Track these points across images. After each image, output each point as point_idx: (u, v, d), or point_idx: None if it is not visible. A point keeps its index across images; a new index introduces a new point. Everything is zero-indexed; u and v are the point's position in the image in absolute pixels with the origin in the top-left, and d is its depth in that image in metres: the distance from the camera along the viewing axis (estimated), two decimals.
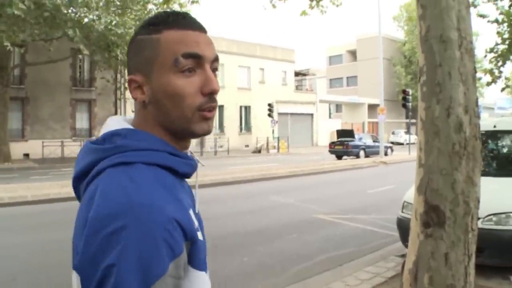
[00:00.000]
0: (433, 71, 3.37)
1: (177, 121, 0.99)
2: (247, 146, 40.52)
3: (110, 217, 0.82)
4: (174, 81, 0.97)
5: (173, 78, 0.97)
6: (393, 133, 51.40)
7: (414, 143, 31.83)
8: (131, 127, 1.01)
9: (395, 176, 17.91)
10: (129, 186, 0.86)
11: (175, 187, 0.95)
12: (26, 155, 27.29)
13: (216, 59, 1.04)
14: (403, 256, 4.12)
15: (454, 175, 3.29)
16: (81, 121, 30.76)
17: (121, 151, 0.93)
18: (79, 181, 1.00)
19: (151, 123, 1.01)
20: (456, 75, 3.30)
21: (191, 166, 1.04)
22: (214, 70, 1.04)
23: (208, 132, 1.03)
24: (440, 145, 3.34)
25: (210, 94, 1.00)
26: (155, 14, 1.04)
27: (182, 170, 1.00)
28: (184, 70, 0.97)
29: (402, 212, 6.14)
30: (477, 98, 3.42)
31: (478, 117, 3.41)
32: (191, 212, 0.95)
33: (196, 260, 0.92)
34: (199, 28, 1.03)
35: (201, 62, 0.99)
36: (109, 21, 22.12)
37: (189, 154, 1.05)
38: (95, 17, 22.40)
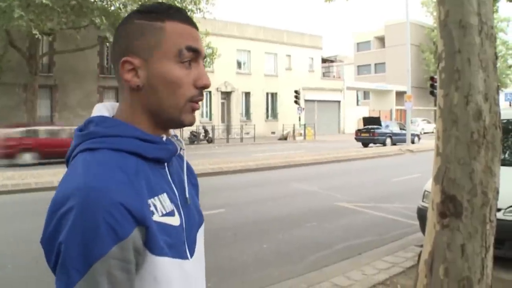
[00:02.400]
0: (452, 57, 3.27)
1: (169, 109, 1.03)
2: (273, 133, 40.44)
3: (63, 199, 0.88)
4: (175, 70, 1.01)
5: (174, 68, 1.01)
6: (411, 121, 50.81)
7: (432, 132, 31.46)
8: (106, 114, 1.05)
9: (421, 164, 17.62)
10: (83, 171, 0.91)
11: (137, 173, 0.96)
12: None
13: (205, 56, 1.13)
14: (423, 246, 4.06)
15: (472, 164, 3.20)
16: None
17: (90, 138, 0.98)
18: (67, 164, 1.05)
19: (138, 109, 1.04)
20: (475, 61, 3.20)
21: (166, 151, 1.05)
22: (203, 66, 1.10)
23: (193, 122, 1.08)
24: (458, 134, 3.25)
25: (202, 88, 1.06)
26: (154, 3, 1.07)
27: (151, 155, 1.01)
28: (184, 61, 1.02)
29: (423, 201, 6.03)
30: (497, 86, 3.31)
31: (498, 105, 3.30)
32: (161, 197, 0.99)
33: (154, 245, 0.93)
34: (195, 25, 1.08)
35: (197, 57, 1.05)
36: (134, 8, 22.22)
37: (164, 138, 1.06)
38: (121, 5, 22.55)
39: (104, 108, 1.07)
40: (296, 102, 34.85)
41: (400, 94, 49.81)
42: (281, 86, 41.72)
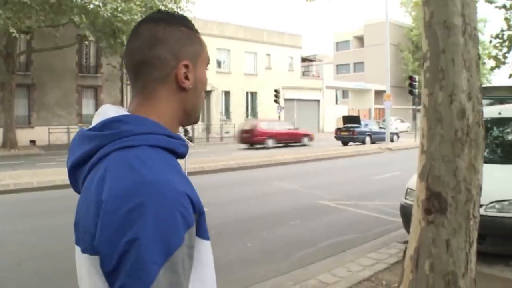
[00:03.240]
0: (436, 57, 3.34)
1: (198, 109, 1.17)
2: None
3: (127, 195, 0.88)
4: (206, 75, 1.18)
5: (205, 73, 1.18)
6: (383, 120, 51.28)
7: (405, 131, 31.94)
8: (129, 113, 1.07)
9: (400, 162, 17.87)
10: (140, 166, 0.92)
11: (178, 166, 1.03)
12: (33, 141, 27.40)
13: None
14: (406, 242, 4.12)
15: (456, 162, 3.27)
16: (87, 108, 30.71)
17: (125, 136, 0.99)
18: (76, 169, 1.05)
19: (177, 107, 1.12)
20: (459, 61, 3.27)
21: (186, 147, 1.11)
22: None
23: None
24: (443, 132, 3.33)
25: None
26: (183, 15, 1.19)
27: (180, 151, 1.07)
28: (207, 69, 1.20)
29: (405, 198, 6.13)
30: (480, 85, 3.39)
31: (481, 104, 3.39)
32: None
33: (202, 230, 0.99)
34: None
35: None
36: (115, 7, 22.04)
37: (182, 135, 1.14)
38: (100, 4, 22.32)
39: (120, 108, 1.09)
40: (275, 101, 34.86)
41: (378, 93, 50.23)
42: (261, 85, 41.70)
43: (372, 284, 4.98)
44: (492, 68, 14.70)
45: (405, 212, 5.76)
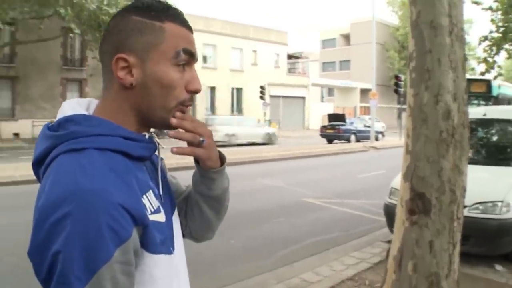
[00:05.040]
0: (422, 57, 3.34)
1: (159, 110, 1.01)
2: None
3: (56, 204, 0.82)
4: (171, 72, 1.00)
5: (170, 69, 1.00)
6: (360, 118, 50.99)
7: (381, 132, 32.19)
8: (85, 112, 1.00)
9: (385, 161, 17.95)
10: (76, 173, 0.86)
11: (127, 172, 0.94)
12: (16, 134, 27.02)
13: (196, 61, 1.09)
14: (390, 242, 4.13)
15: (441, 163, 3.27)
16: None
17: (72, 138, 0.93)
18: (37, 167, 0.99)
19: (125, 107, 1.01)
20: (446, 62, 3.27)
21: (148, 149, 1.04)
22: (195, 71, 1.09)
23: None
24: (428, 132, 3.32)
25: (192, 93, 1.05)
26: (153, 1, 1.04)
27: (137, 154, 1.00)
28: (180, 64, 1.02)
29: (390, 198, 6.14)
30: (466, 86, 3.39)
31: (466, 105, 3.39)
32: (148, 195, 0.98)
33: (151, 244, 0.93)
34: (191, 28, 1.08)
35: (191, 61, 1.05)
36: (100, 0, 21.82)
37: (147, 136, 1.05)
38: None
39: (79, 106, 1.03)
40: (261, 97, 34.78)
41: (364, 92, 50.51)
42: (246, 81, 41.67)
43: (355, 283, 4.98)
44: (483, 73, 14.79)
45: (389, 212, 5.77)
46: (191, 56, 1.04)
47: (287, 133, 38.70)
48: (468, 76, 5.26)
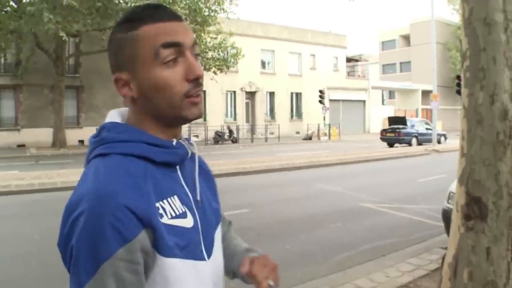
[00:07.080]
0: (476, 55, 3.20)
1: (168, 110, 1.04)
2: (297, 133, 40.27)
3: (74, 204, 0.92)
4: (159, 73, 1.01)
5: (158, 71, 1.01)
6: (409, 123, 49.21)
7: (443, 134, 30.94)
8: (118, 121, 1.08)
9: (447, 165, 17.27)
10: (94, 176, 0.95)
11: (145, 176, 0.99)
12: (81, 141, 28.05)
13: (195, 43, 1.07)
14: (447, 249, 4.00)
15: (497, 165, 3.12)
16: None
17: (102, 143, 1.02)
18: None
19: (141, 116, 1.07)
20: (501, 59, 3.12)
21: (174, 155, 1.07)
22: (196, 55, 1.08)
23: (199, 116, 1.08)
24: (483, 134, 3.18)
25: (195, 80, 1.04)
26: (130, 10, 1.06)
27: (160, 159, 1.04)
28: (167, 61, 1.01)
29: (448, 202, 5.93)
30: None
31: None
32: (171, 200, 1.02)
33: (163, 247, 0.96)
34: (174, 17, 1.06)
35: (181, 50, 1.03)
36: None
37: (174, 142, 1.08)
38: None
39: (117, 114, 1.11)
40: (320, 101, 34.61)
41: (426, 93, 49.12)
42: (305, 86, 41.55)
43: None
44: None
45: (447, 217, 5.56)
46: (177, 46, 1.02)
47: (348, 137, 38.25)
48: None
